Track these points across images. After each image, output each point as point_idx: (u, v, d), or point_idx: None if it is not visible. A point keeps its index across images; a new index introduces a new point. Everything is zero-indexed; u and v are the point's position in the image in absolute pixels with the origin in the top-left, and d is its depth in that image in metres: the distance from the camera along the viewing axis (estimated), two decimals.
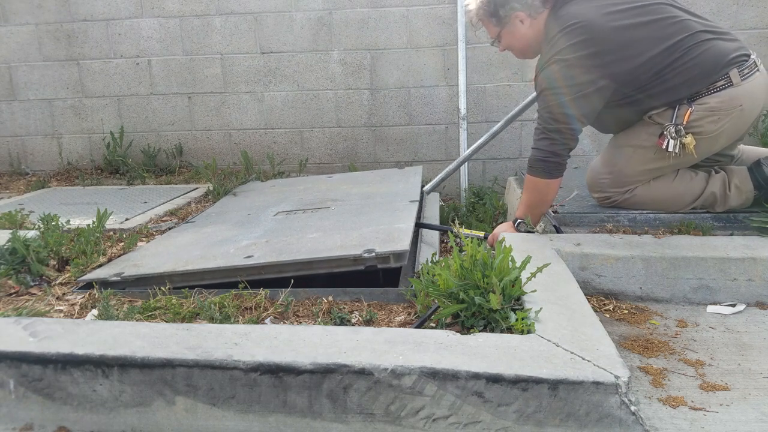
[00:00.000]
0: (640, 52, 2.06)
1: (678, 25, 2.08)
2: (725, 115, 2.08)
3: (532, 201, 2.19)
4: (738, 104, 2.08)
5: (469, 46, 3.62)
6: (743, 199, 2.21)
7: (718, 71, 2.07)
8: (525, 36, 2.27)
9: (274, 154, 3.90)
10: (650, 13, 2.09)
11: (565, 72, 2.08)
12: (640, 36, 2.06)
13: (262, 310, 1.75)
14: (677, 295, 1.91)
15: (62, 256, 2.15)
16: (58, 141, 4.08)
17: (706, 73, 2.07)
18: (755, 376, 1.45)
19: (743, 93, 2.08)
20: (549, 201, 2.20)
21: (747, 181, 2.21)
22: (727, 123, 2.10)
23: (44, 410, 1.34)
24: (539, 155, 2.14)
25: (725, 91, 2.07)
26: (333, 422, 1.26)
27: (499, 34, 2.31)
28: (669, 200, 2.24)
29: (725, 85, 2.07)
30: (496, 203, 3.06)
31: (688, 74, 2.07)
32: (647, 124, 2.19)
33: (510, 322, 1.43)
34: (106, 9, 3.86)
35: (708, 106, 2.08)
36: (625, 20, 2.07)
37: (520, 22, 2.24)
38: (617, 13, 2.08)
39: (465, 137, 3.63)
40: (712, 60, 2.07)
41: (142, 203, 3.14)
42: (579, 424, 1.18)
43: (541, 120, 2.15)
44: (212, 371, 1.27)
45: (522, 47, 2.32)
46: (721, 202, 2.21)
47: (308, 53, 3.81)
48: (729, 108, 2.08)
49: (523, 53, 2.36)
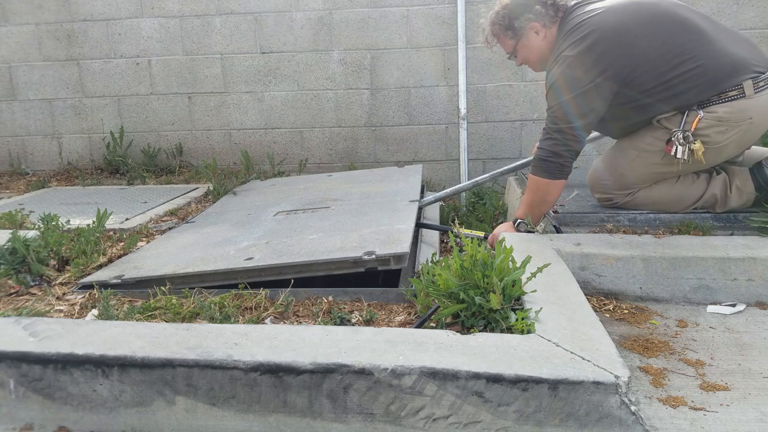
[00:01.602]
0: (643, 53, 2.05)
1: (687, 30, 2.05)
2: (733, 126, 2.03)
3: (533, 201, 2.19)
4: (748, 117, 2.02)
5: (469, 46, 3.62)
6: (744, 200, 2.19)
7: (730, 80, 2.02)
8: (540, 48, 2.27)
9: (274, 154, 3.90)
10: (658, 16, 2.08)
11: (566, 70, 2.08)
12: (643, 37, 2.05)
13: (262, 310, 1.75)
14: (677, 295, 1.91)
15: (62, 256, 2.15)
16: (58, 141, 4.08)
17: (714, 82, 2.02)
18: (755, 376, 1.45)
19: (755, 106, 2.02)
20: (550, 202, 2.19)
21: (748, 182, 2.18)
22: (735, 135, 2.05)
23: (44, 410, 1.34)
24: (542, 155, 2.14)
25: (736, 102, 2.02)
26: (333, 422, 1.26)
27: (515, 48, 2.32)
28: (670, 202, 2.23)
29: (737, 95, 2.02)
30: (496, 203, 3.06)
31: (695, 81, 2.03)
32: (654, 128, 2.17)
33: (510, 322, 1.43)
34: (106, 9, 3.86)
35: (716, 116, 2.03)
36: (630, 21, 2.07)
37: (535, 34, 2.25)
38: (624, 14, 2.08)
39: (465, 137, 3.63)
40: (724, 68, 2.02)
41: (142, 203, 3.14)
42: (579, 424, 1.18)
43: (547, 120, 2.17)
44: (212, 371, 1.27)
45: (538, 59, 2.31)
46: (721, 203, 2.20)
47: (308, 53, 3.81)
48: (738, 120, 2.02)
49: (540, 65, 2.34)
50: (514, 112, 3.77)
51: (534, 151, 2.30)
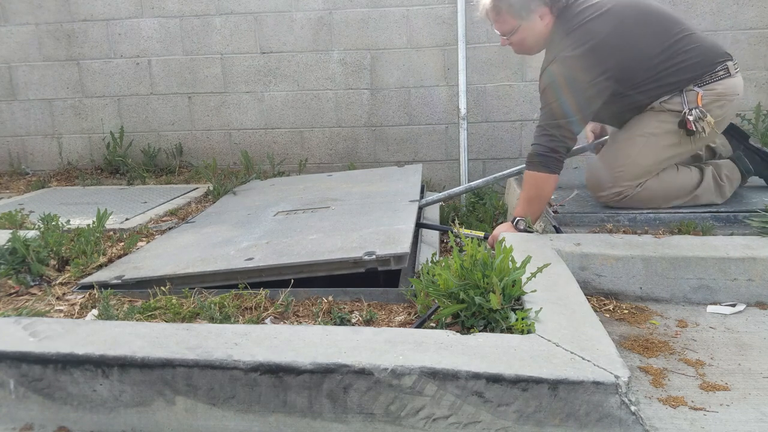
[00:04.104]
0: (640, 51, 2.16)
1: (673, 23, 2.21)
2: (728, 101, 2.22)
3: (530, 196, 2.21)
4: (736, 92, 2.23)
5: (470, 46, 3.62)
6: (735, 187, 2.38)
7: (716, 62, 2.20)
8: (541, 33, 2.29)
9: (274, 154, 3.90)
10: (647, 14, 2.21)
11: (567, 70, 2.14)
12: (639, 36, 2.17)
13: (262, 310, 1.75)
14: (677, 295, 1.91)
15: (62, 256, 2.15)
16: (58, 141, 4.08)
17: (704, 65, 2.20)
18: (755, 376, 1.45)
19: (738, 84, 2.25)
20: (546, 197, 2.22)
21: (735, 171, 2.37)
22: (729, 109, 2.24)
23: (44, 410, 1.34)
24: (539, 150, 2.17)
25: (727, 80, 2.21)
26: (333, 422, 1.26)
27: (515, 28, 2.29)
28: (675, 191, 2.31)
29: (725, 74, 2.21)
30: (496, 203, 3.06)
31: (690, 66, 2.18)
32: (656, 112, 2.25)
33: (510, 322, 1.43)
34: (106, 9, 3.86)
35: (716, 92, 2.19)
36: (627, 21, 2.17)
37: (540, 19, 2.26)
38: (622, 14, 2.18)
39: (465, 137, 3.63)
40: (708, 53, 2.20)
41: (142, 203, 3.14)
42: (579, 424, 1.18)
43: (542, 117, 2.20)
44: (212, 371, 1.27)
45: (533, 43, 2.33)
46: (717, 192, 2.31)
47: (308, 53, 3.81)
48: (731, 95, 2.22)
49: (529, 49, 2.37)
50: (514, 112, 3.77)
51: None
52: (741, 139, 2.45)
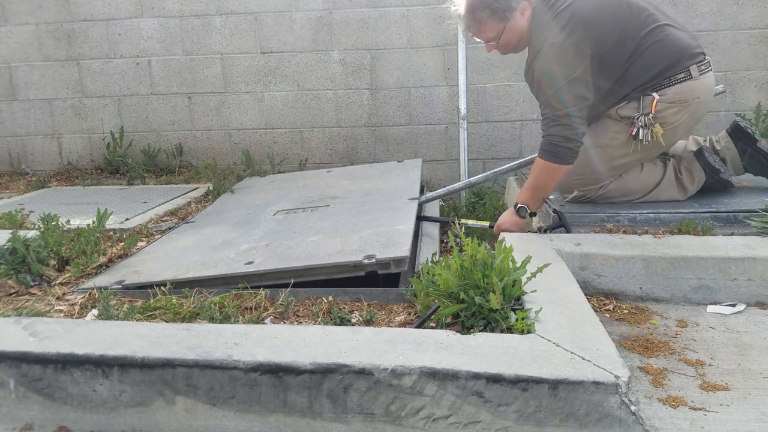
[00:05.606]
0: (610, 40, 2.17)
1: (647, 18, 2.21)
2: (685, 107, 2.22)
3: (537, 184, 2.21)
4: (696, 96, 2.22)
5: (470, 46, 3.61)
6: (696, 180, 2.39)
7: (680, 64, 2.20)
8: (523, 29, 2.27)
9: (274, 154, 3.90)
10: (620, 6, 2.21)
11: (558, 56, 2.12)
12: (610, 26, 2.18)
13: (262, 310, 1.75)
14: (677, 295, 1.91)
15: (62, 256, 2.14)
16: (58, 141, 4.08)
17: (668, 63, 2.20)
18: (755, 376, 1.45)
19: (701, 86, 2.23)
20: (551, 186, 2.24)
21: (695, 164, 2.39)
22: (686, 114, 2.24)
23: (44, 410, 1.34)
24: (553, 140, 2.14)
25: (686, 83, 2.21)
26: (333, 422, 1.26)
27: (501, 32, 2.25)
28: (637, 190, 2.37)
29: (685, 77, 2.21)
30: (496, 203, 3.07)
31: (650, 67, 2.19)
32: (613, 122, 2.30)
33: (510, 322, 1.43)
34: (106, 9, 3.86)
35: (668, 97, 2.21)
36: (603, 7, 2.18)
37: (521, 14, 2.25)
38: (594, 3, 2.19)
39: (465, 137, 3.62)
40: (674, 51, 2.20)
41: (142, 203, 3.14)
42: (579, 424, 1.18)
43: (545, 109, 2.17)
44: (212, 371, 1.27)
45: (518, 41, 2.31)
46: (679, 187, 2.37)
47: (308, 53, 3.81)
48: (689, 99, 2.22)
49: (515, 47, 2.35)
50: (514, 112, 3.77)
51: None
52: (748, 142, 2.43)
